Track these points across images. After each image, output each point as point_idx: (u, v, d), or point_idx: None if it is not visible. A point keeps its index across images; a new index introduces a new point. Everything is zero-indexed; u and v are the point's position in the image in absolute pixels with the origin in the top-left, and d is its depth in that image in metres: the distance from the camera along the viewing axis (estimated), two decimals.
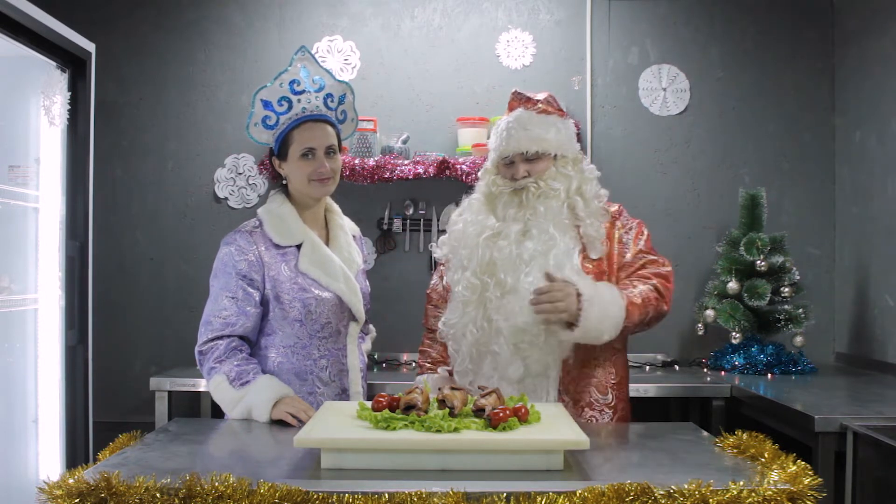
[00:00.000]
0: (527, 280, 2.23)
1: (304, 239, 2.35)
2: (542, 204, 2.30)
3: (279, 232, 2.33)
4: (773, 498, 1.55)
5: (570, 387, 2.30)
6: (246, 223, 2.39)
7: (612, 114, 3.93)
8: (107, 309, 3.72)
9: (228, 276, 2.29)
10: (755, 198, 3.62)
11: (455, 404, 1.83)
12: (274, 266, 2.31)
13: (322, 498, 1.52)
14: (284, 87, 2.34)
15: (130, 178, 3.89)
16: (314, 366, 2.34)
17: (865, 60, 3.67)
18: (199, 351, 2.29)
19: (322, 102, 2.37)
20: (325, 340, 2.35)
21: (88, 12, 3.81)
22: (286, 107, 2.34)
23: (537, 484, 1.57)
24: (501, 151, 2.35)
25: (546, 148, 2.32)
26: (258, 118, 2.35)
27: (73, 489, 1.55)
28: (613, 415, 2.35)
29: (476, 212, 2.38)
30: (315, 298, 2.30)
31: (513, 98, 2.44)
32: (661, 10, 3.94)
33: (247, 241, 2.31)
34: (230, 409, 2.24)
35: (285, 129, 2.34)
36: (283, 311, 2.31)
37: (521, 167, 2.32)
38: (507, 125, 2.36)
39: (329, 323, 2.34)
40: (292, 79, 2.35)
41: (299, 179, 2.35)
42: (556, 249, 2.26)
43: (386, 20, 3.92)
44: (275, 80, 2.34)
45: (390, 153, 3.68)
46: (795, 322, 3.50)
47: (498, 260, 2.28)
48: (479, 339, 2.29)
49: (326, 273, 2.33)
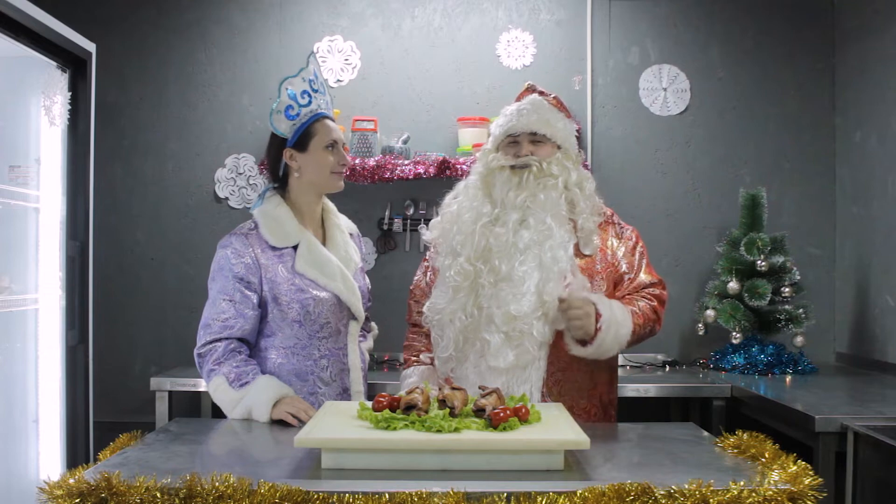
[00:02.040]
0: (521, 269, 2.24)
1: (301, 239, 2.35)
2: (541, 192, 2.31)
3: (275, 234, 2.34)
4: (774, 498, 1.55)
5: (553, 388, 2.28)
6: (242, 225, 2.40)
7: (612, 114, 3.93)
8: (107, 309, 3.71)
9: (225, 280, 2.30)
10: (755, 198, 3.62)
11: (455, 404, 1.83)
12: (271, 268, 2.31)
13: (322, 498, 1.52)
14: (306, 83, 2.38)
15: (131, 178, 3.89)
16: (315, 366, 2.34)
17: (866, 60, 3.67)
18: (198, 353, 2.30)
19: (327, 105, 2.44)
20: (325, 340, 2.35)
21: (88, 12, 3.81)
22: (307, 100, 2.37)
23: (538, 484, 1.57)
24: (510, 128, 2.38)
25: (554, 134, 2.36)
26: (283, 106, 2.36)
27: (74, 489, 1.55)
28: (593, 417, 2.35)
29: (472, 197, 2.38)
30: (313, 299, 2.31)
31: (526, 88, 2.50)
32: (662, 10, 3.94)
33: (243, 244, 2.32)
34: (230, 410, 2.24)
35: (308, 120, 2.36)
36: (282, 312, 2.31)
37: (527, 146, 2.35)
38: (520, 106, 2.40)
39: (328, 323, 2.34)
40: (311, 77, 2.39)
41: (320, 171, 2.36)
42: (551, 241, 2.26)
43: (386, 20, 3.92)
44: (298, 73, 2.38)
45: (391, 153, 3.68)
46: (796, 322, 3.50)
47: (494, 247, 2.28)
48: (468, 327, 2.28)
49: (323, 273, 2.33)
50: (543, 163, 2.32)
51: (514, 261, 2.26)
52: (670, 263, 3.89)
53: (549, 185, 2.32)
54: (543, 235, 2.27)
